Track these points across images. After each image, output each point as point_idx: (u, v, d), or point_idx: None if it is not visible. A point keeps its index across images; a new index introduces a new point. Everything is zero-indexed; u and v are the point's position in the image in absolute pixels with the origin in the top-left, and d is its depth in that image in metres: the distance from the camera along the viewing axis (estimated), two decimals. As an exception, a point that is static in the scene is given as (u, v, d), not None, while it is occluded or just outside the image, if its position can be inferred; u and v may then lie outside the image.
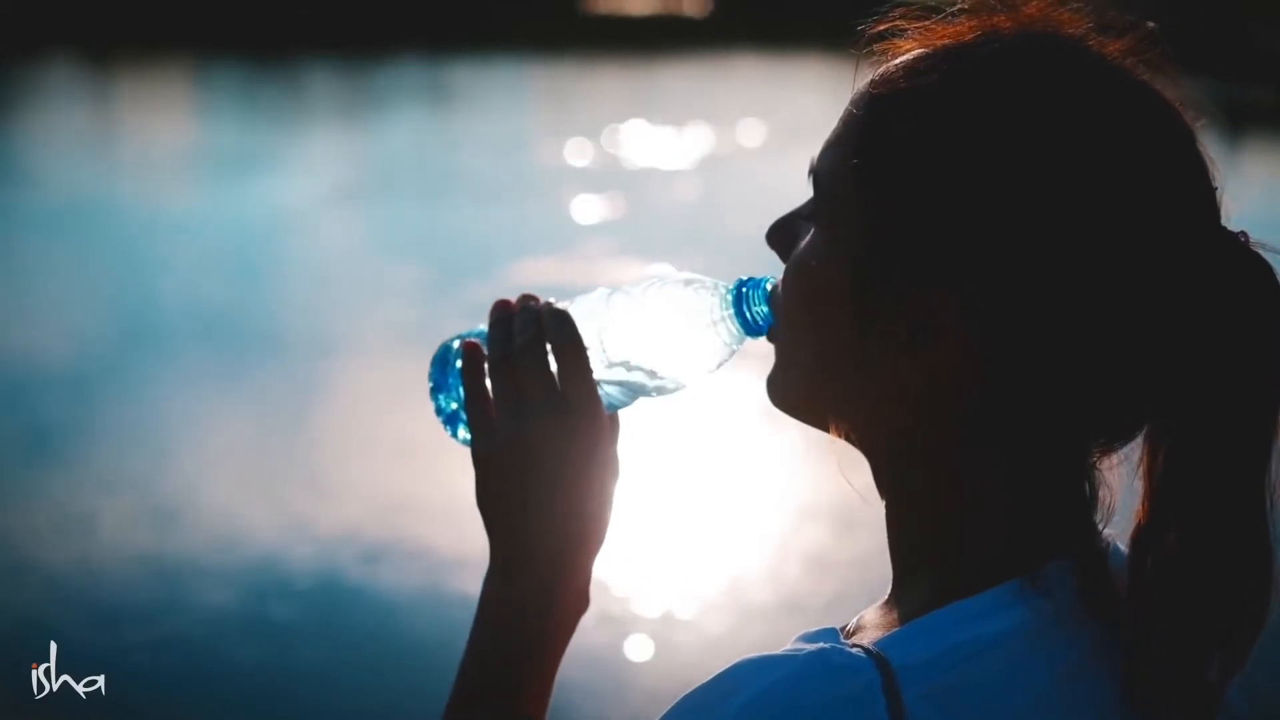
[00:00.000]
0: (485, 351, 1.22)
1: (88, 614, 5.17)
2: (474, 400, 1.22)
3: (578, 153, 14.95)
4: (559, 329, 1.20)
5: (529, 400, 1.18)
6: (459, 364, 1.25)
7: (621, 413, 1.24)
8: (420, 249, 10.73)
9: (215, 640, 5.08)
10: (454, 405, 1.27)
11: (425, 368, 1.29)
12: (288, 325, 9.10)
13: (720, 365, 1.22)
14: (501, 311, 1.23)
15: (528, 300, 1.24)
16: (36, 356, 8.26)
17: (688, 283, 1.21)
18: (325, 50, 25.22)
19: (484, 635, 1.21)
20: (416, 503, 6.16)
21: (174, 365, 8.17)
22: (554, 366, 1.19)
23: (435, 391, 1.28)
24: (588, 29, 31.23)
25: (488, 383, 1.22)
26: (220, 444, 6.96)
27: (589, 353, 1.20)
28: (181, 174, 14.20)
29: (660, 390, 1.23)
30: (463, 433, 1.27)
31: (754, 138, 16.22)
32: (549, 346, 1.20)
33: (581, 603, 1.22)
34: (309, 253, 10.96)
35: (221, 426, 7.18)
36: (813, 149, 1.11)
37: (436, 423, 1.28)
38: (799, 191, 1.15)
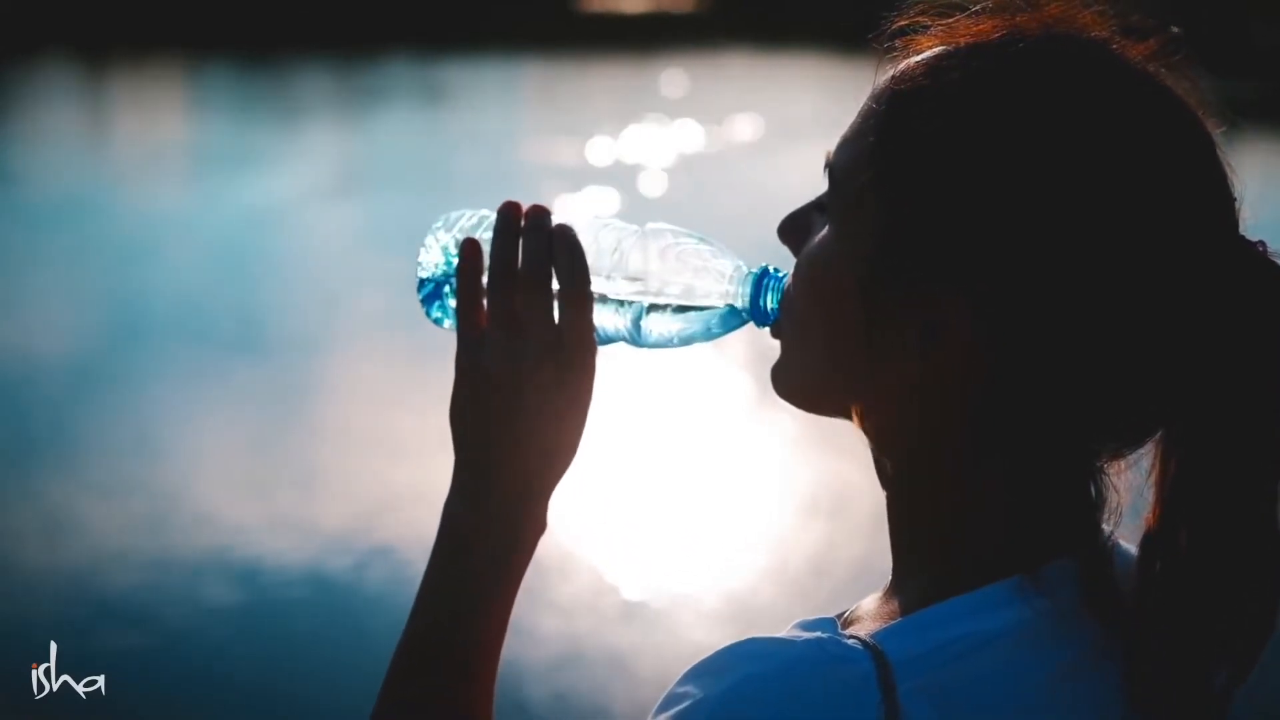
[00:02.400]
0: (485, 253, 1.19)
1: (88, 614, 5.17)
2: (466, 307, 1.19)
3: (571, 150, 14.94)
4: (569, 262, 1.17)
5: (524, 332, 1.16)
6: (455, 255, 1.23)
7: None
8: (413, 247, 10.70)
9: (214, 640, 5.08)
10: (436, 286, 1.25)
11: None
12: (281, 323, 9.10)
13: (710, 340, 1.21)
14: (509, 218, 1.19)
15: (539, 214, 1.19)
16: (31, 357, 8.26)
17: (713, 252, 1.20)
18: (320, 49, 25.20)
19: (446, 557, 1.20)
20: (413, 499, 6.17)
21: (170, 364, 8.16)
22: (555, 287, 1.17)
23: (420, 269, 1.25)
24: (582, 27, 31.21)
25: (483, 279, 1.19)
26: (218, 442, 6.96)
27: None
28: (174, 173, 14.19)
29: (644, 343, 1.21)
30: (436, 313, 1.25)
31: (748, 135, 16.22)
32: (554, 274, 1.17)
33: (542, 527, 1.21)
34: (302, 251, 10.96)
35: (218, 425, 7.18)
36: (807, 146, 1.11)
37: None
38: (794, 189, 1.16)
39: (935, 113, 1.02)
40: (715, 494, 6.54)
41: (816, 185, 1.12)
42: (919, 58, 1.07)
